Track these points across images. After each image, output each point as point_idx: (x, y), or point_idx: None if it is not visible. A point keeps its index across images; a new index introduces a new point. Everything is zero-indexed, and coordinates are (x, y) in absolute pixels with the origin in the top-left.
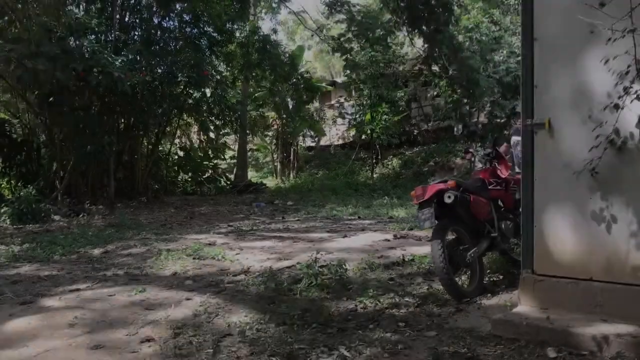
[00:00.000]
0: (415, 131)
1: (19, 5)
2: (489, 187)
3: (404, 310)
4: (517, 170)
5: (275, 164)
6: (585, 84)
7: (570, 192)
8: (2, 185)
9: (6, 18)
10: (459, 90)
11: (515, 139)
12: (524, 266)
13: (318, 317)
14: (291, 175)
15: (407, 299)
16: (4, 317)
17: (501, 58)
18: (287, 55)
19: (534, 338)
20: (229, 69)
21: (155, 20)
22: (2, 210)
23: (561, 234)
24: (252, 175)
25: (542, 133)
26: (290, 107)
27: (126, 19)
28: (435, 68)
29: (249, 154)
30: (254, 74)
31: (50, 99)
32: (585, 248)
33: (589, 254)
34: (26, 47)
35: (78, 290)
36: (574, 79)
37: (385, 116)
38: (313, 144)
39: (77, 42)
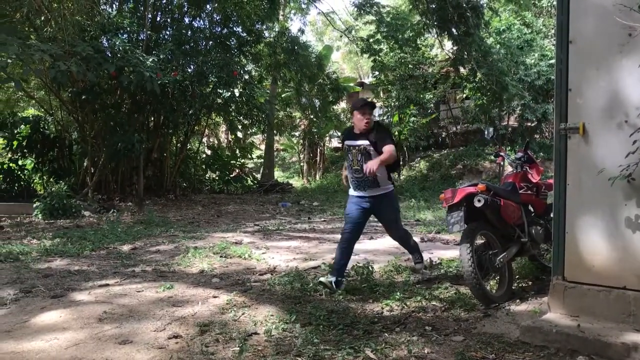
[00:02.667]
0: (444, 133)
1: (55, 5)
2: (520, 192)
3: (430, 314)
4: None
5: (302, 164)
6: (621, 88)
7: (604, 198)
8: (35, 181)
9: (42, 18)
10: (488, 94)
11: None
12: (555, 272)
13: (344, 319)
14: (317, 176)
15: (434, 303)
16: (36, 309)
17: (533, 61)
18: (315, 56)
19: (563, 346)
20: (256, 68)
21: (186, 20)
22: (35, 205)
23: (594, 241)
24: (278, 175)
25: (576, 137)
26: (318, 107)
27: (158, 19)
28: (464, 71)
29: (275, 153)
30: (281, 74)
31: (83, 97)
32: (619, 256)
33: (623, 261)
34: (60, 46)
35: (107, 285)
36: (610, 82)
37: (413, 118)
38: (339, 145)
39: (110, 42)
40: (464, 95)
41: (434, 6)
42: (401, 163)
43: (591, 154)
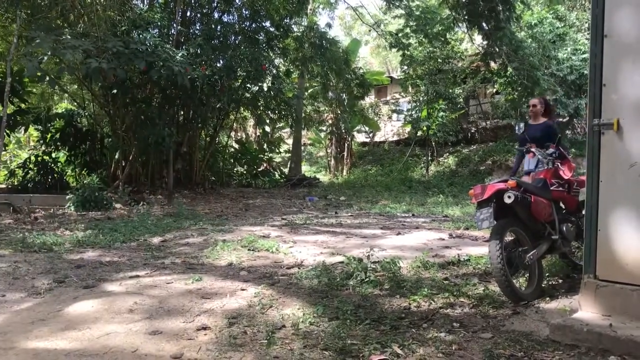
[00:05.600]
0: (473, 129)
1: (88, 0)
2: (551, 188)
3: (458, 311)
4: None
5: (329, 158)
6: None
7: (637, 195)
8: (68, 173)
9: (76, 13)
10: (519, 89)
11: None
12: (586, 271)
13: (371, 314)
14: (344, 171)
15: (462, 300)
16: (69, 299)
17: (565, 55)
18: (342, 51)
19: (595, 345)
20: (284, 63)
21: (216, 15)
22: (68, 197)
23: (627, 239)
24: (305, 169)
25: (610, 134)
26: (345, 102)
27: (188, 14)
28: (494, 65)
29: (303, 148)
30: (309, 68)
31: (114, 91)
32: None
33: None
34: (93, 42)
35: (138, 276)
36: None
37: (442, 113)
38: (367, 140)
39: (140, 36)
40: (494, 90)
41: (464, 0)
42: (430, 158)
43: (625, 151)
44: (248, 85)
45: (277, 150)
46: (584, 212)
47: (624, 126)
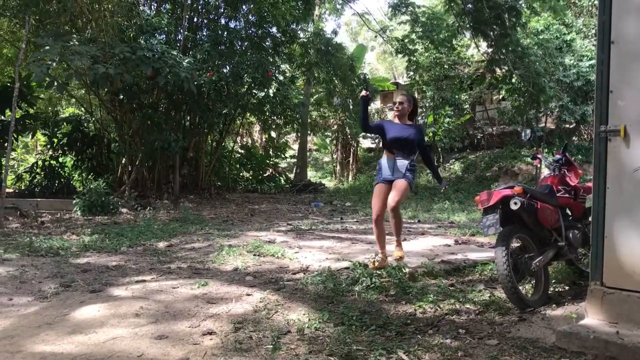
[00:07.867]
0: (479, 135)
1: (96, 6)
2: (557, 195)
3: (464, 317)
4: None
5: (335, 164)
6: None
7: None
8: (74, 178)
9: (84, 19)
10: (525, 95)
11: None
12: (592, 278)
13: (377, 320)
14: (350, 176)
15: (468, 306)
16: (75, 303)
17: (571, 61)
18: (347, 56)
19: (601, 353)
20: (289, 69)
21: (222, 21)
22: (74, 202)
23: (634, 246)
24: (311, 175)
25: (617, 140)
26: (351, 108)
27: (195, 20)
28: (500, 72)
29: (308, 153)
30: (315, 74)
31: (120, 97)
32: None
33: None
34: (100, 47)
35: (144, 281)
36: None
37: (448, 119)
38: (373, 145)
39: (147, 42)
40: (501, 96)
41: (470, 6)
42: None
43: (632, 157)
44: (254, 91)
45: (283, 156)
46: (590, 218)
47: (631, 133)
